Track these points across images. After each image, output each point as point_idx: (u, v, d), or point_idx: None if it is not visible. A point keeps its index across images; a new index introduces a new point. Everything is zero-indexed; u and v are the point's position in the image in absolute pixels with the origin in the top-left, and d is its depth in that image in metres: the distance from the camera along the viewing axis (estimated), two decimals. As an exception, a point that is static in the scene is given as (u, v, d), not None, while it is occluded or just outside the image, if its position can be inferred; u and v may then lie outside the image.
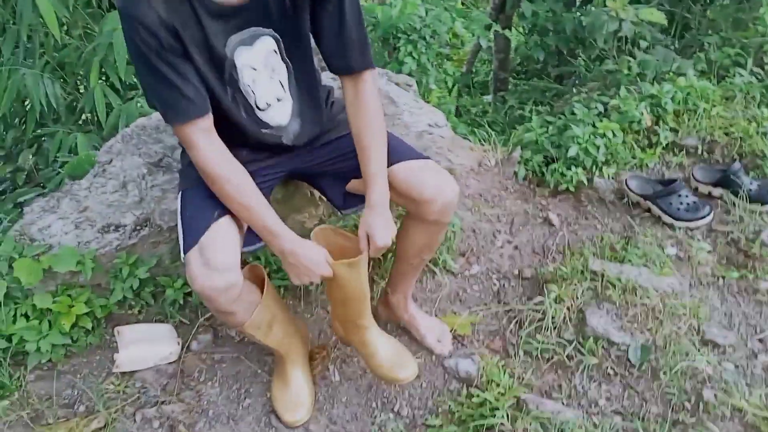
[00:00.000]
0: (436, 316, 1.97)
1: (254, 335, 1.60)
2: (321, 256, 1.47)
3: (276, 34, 1.43)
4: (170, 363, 1.88)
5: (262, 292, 1.57)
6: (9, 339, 1.81)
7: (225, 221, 1.43)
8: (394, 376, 1.63)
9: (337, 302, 1.65)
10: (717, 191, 2.22)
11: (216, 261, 1.38)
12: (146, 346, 1.86)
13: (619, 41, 2.97)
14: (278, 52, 1.46)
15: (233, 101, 1.46)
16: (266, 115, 1.51)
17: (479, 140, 2.72)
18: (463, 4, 5.21)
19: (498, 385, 1.70)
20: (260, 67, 1.44)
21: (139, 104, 2.84)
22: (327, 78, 1.96)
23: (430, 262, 2.07)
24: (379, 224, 1.48)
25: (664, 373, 1.67)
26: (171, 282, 1.96)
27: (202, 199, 1.46)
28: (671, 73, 2.73)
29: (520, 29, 4.87)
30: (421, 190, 1.52)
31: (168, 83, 1.31)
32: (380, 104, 1.54)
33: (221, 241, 1.41)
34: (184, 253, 1.43)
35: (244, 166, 1.43)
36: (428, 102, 2.88)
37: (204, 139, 1.37)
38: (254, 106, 1.49)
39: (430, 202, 1.52)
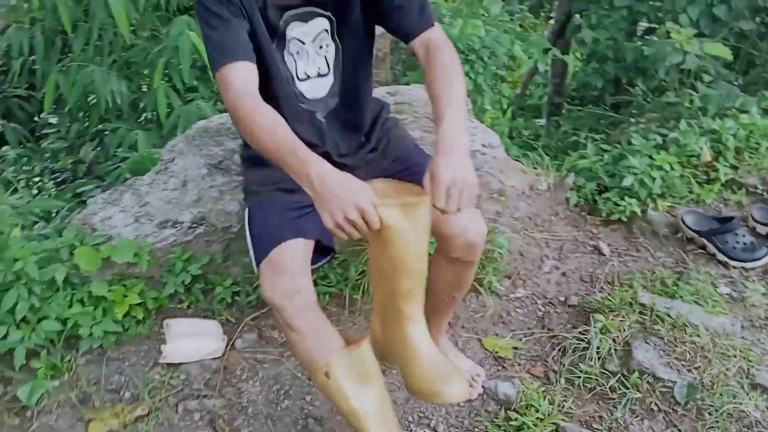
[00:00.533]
0: (477, 336, 1.97)
1: (339, 387, 1.34)
2: (357, 184, 1.20)
3: (331, 15, 1.50)
4: (214, 359, 1.92)
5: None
6: (64, 323, 1.88)
7: (292, 242, 1.43)
8: (437, 390, 1.31)
9: (380, 276, 1.34)
10: (775, 233, 2.17)
11: (285, 266, 1.39)
12: (193, 340, 1.91)
13: (681, 73, 2.94)
14: (329, 31, 1.53)
15: (278, 69, 1.51)
16: (304, 86, 1.55)
17: (532, 164, 2.72)
18: (521, 26, 5.21)
19: (537, 410, 1.69)
20: (308, 42, 1.51)
21: (198, 107, 2.93)
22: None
23: (475, 281, 2.07)
24: (447, 166, 1.24)
25: (710, 413, 1.64)
26: (221, 280, 2.01)
27: (270, 215, 1.50)
28: (734, 110, 2.68)
29: (578, 55, 4.84)
30: (445, 224, 1.42)
31: (222, 30, 1.39)
32: (454, 57, 1.46)
33: (291, 252, 1.41)
34: (257, 265, 1.44)
35: None
36: (482, 122, 2.89)
37: (240, 79, 1.36)
38: (294, 75, 1.53)
39: (453, 238, 1.44)
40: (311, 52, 1.53)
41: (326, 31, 1.52)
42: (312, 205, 1.28)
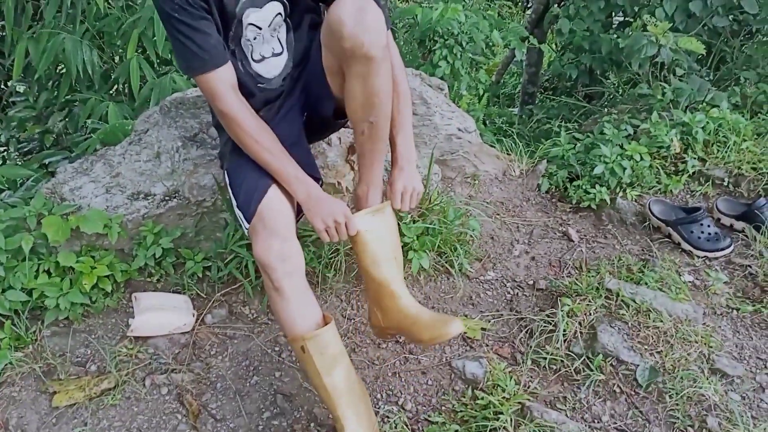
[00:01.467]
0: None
1: (314, 362, 1.46)
2: (340, 205, 1.53)
3: (284, 0, 1.57)
4: (183, 333, 1.91)
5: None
6: (30, 293, 1.85)
7: (275, 191, 1.53)
8: (446, 331, 1.49)
9: (368, 270, 1.58)
10: (739, 224, 2.22)
11: (276, 226, 1.47)
12: (162, 314, 1.89)
13: (654, 66, 2.98)
14: (283, 14, 1.59)
15: (233, 55, 1.56)
16: (260, 66, 1.62)
17: (506, 150, 2.74)
18: (499, 15, 5.22)
19: (503, 390, 1.71)
20: (265, 27, 1.57)
21: (172, 80, 2.88)
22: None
23: (446, 263, 2.09)
24: (401, 177, 1.59)
25: (670, 396, 1.68)
26: (192, 255, 1.99)
27: (249, 171, 1.56)
28: (705, 104, 2.74)
29: (554, 45, 4.88)
30: (333, 13, 1.38)
31: (192, 39, 1.44)
32: (398, 61, 1.61)
33: (278, 208, 1.51)
34: (248, 223, 1.52)
35: None
36: (459, 107, 2.90)
37: (225, 89, 1.50)
38: (250, 59, 1.60)
39: (341, 25, 1.35)
40: (266, 36, 1.59)
41: (280, 14, 1.58)
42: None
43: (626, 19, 3.95)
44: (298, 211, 1.64)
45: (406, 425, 1.67)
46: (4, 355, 1.77)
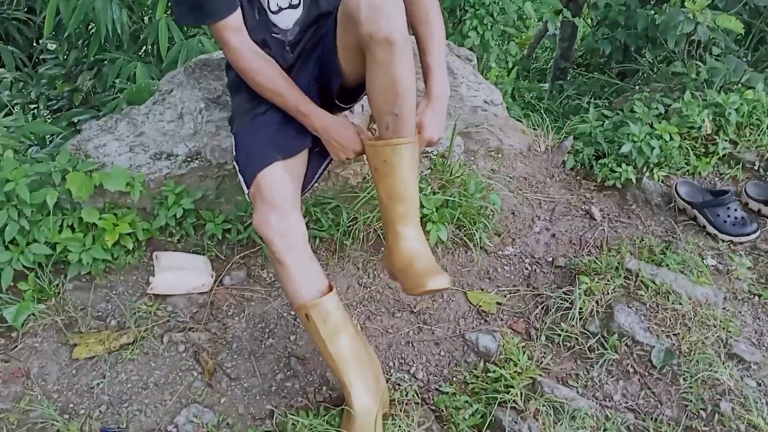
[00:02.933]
0: (463, 289, 1.99)
1: (318, 330, 1.49)
2: (352, 131, 1.54)
3: None
4: (202, 293, 1.94)
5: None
6: (53, 247, 1.89)
7: (277, 165, 1.51)
8: (424, 282, 1.43)
9: (382, 201, 1.52)
10: (767, 210, 2.17)
11: (274, 199, 1.46)
12: (181, 273, 1.92)
13: (690, 45, 2.89)
14: None
15: (249, 3, 1.57)
16: (276, 18, 1.61)
17: (532, 125, 2.70)
18: (533, -14, 5.09)
19: (515, 364, 1.71)
20: None
21: (200, 43, 2.88)
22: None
23: (465, 236, 2.08)
24: (431, 116, 1.52)
25: (684, 379, 1.67)
26: (212, 216, 2.01)
27: (256, 139, 1.57)
28: (740, 85, 2.65)
29: (589, 20, 4.76)
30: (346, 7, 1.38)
31: None
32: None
33: (278, 180, 1.49)
34: (247, 188, 1.53)
35: None
36: (487, 79, 2.86)
37: (235, 38, 1.54)
38: (266, 9, 1.60)
39: (358, 10, 1.33)
40: None
41: None
42: (282, 116, 1.60)
43: (665, -6, 3.83)
44: (306, 182, 1.64)
45: (417, 394, 1.68)
46: (27, 306, 1.81)
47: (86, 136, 2.03)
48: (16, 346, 1.78)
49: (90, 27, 3.21)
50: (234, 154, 1.63)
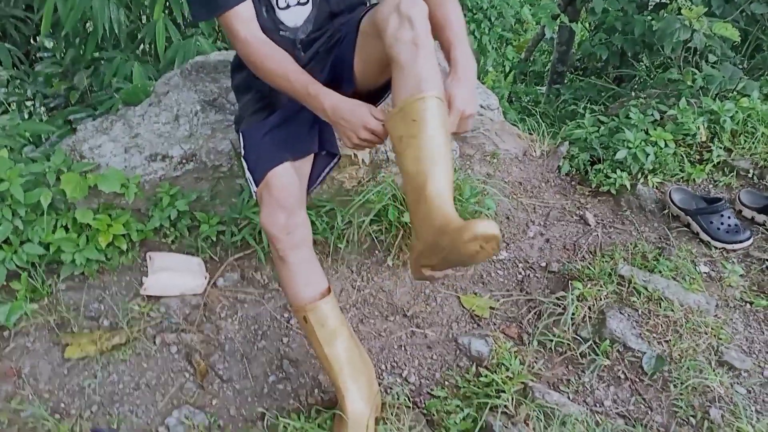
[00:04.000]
0: (456, 294, 1.99)
1: (315, 332, 1.51)
2: (363, 108, 1.40)
3: None
4: (195, 295, 1.93)
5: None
6: (47, 247, 1.89)
7: (287, 165, 1.52)
8: (473, 227, 1.15)
9: (408, 172, 1.30)
10: (761, 217, 2.18)
11: (282, 198, 1.47)
12: (175, 275, 1.92)
13: (687, 51, 2.91)
14: None
15: (257, 0, 1.56)
16: (284, 15, 1.61)
17: (528, 129, 2.71)
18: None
19: (507, 369, 1.72)
20: None
21: (198, 43, 2.88)
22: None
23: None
24: (458, 86, 1.37)
25: (675, 386, 1.67)
26: (207, 218, 2.01)
27: (267, 138, 1.57)
28: (735, 92, 2.67)
29: (587, 25, 4.78)
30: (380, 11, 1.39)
31: None
32: None
33: (287, 180, 1.50)
34: (255, 186, 1.54)
35: None
36: (483, 83, 2.87)
37: (245, 29, 1.51)
38: (275, 6, 1.60)
39: (389, 14, 1.35)
40: None
41: None
42: (292, 117, 1.60)
43: (662, 0, 3.85)
44: (312, 182, 1.65)
45: (408, 397, 1.68)
46: (20, 306, 1.81)
47: (81, 137, 2.03)
48: (8, 346, 1.78)
49: (87, 25, 3.21)
50: (242, 152, 1.64)
